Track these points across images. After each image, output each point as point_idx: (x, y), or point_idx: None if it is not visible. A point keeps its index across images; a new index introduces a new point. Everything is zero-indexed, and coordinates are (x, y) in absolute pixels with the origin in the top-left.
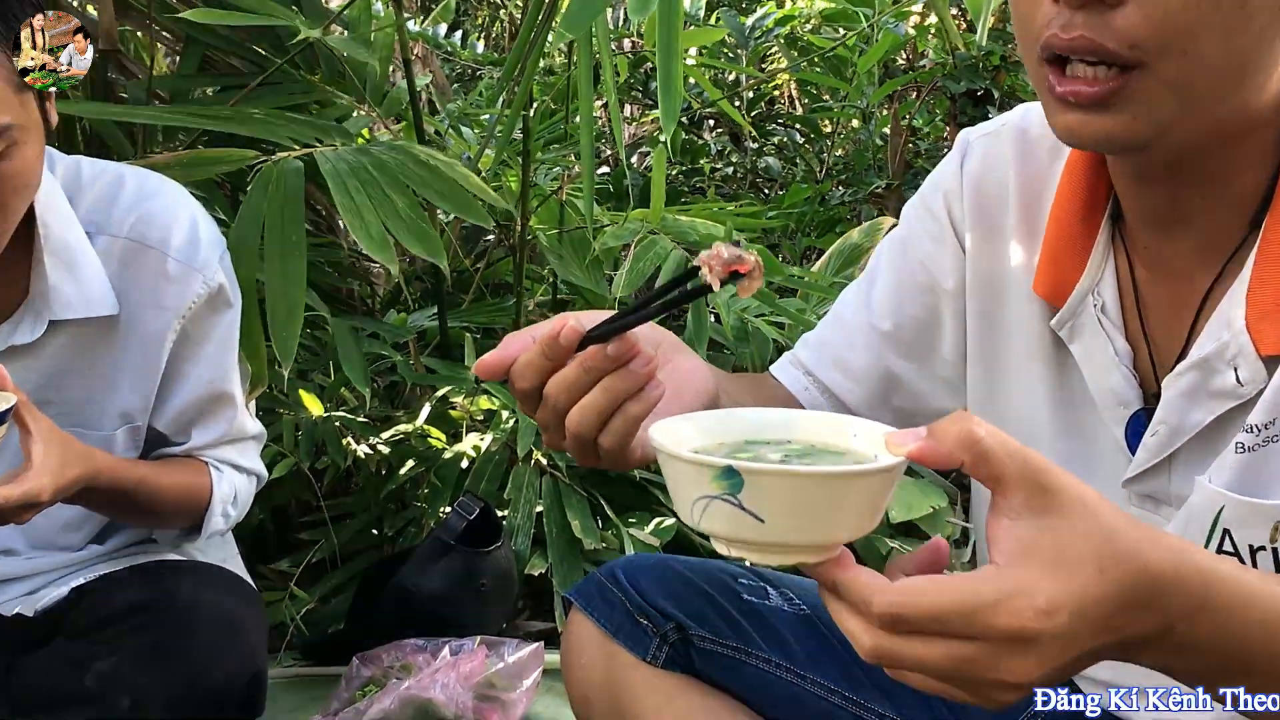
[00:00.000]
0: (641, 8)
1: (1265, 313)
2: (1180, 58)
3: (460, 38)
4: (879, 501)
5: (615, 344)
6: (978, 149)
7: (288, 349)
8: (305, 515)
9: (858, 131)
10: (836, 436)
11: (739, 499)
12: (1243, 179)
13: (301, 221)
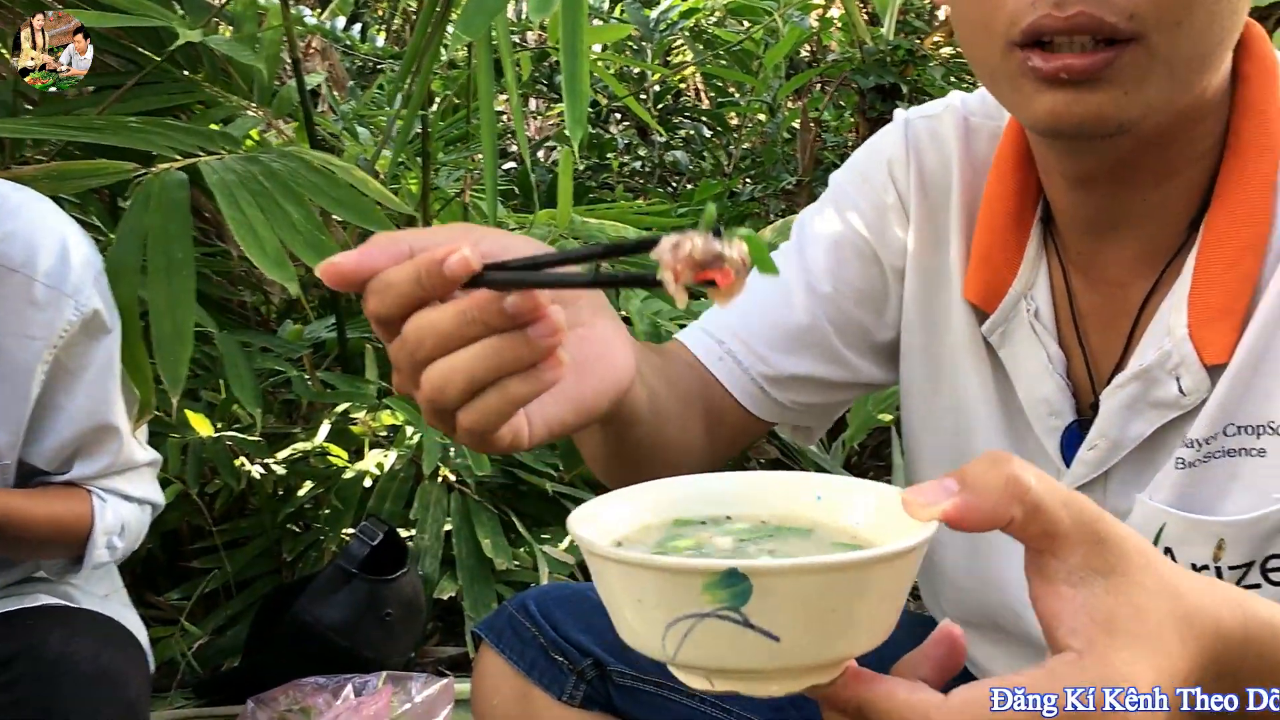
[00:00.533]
0: (543, 7)
1: (1207, 319)
2: (1174, 29)
3: (360, 30)
4: (904, 590)
5: (517, 297)
6: (921, 126)
7: (176, 375)
8: (197, 541)
9: (764, 125)
10: (794, 503)
11: (743, 613)
12: (1182, 179)
13: (188, 237)
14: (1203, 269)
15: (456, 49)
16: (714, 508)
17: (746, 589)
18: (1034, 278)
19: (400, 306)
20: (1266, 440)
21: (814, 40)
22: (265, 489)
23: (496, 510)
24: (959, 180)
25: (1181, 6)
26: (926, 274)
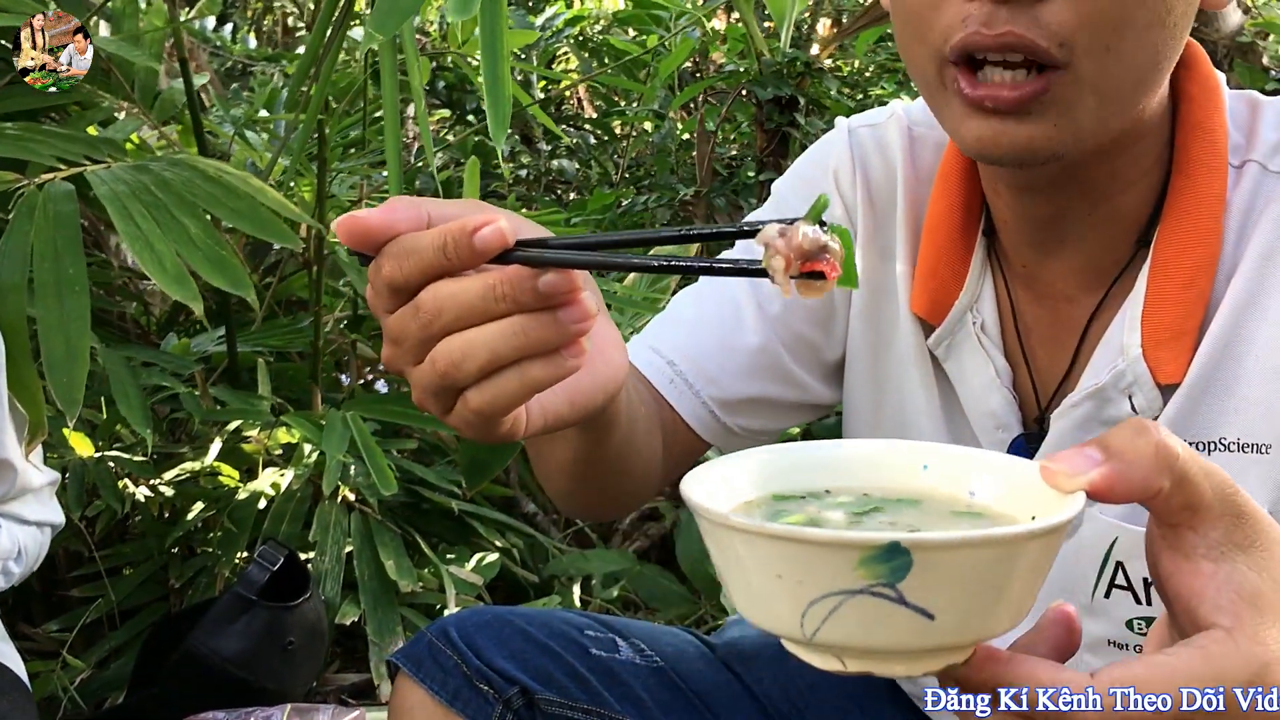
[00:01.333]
0: (463, 8)
1: (1161, 340)
2: (1104, 55)
3: (230, 32)
4: (1049, 566)
5: (555, 276)
6: (866, 135)
7: (71, 398)
8: (75, 569)
9: (651, 135)
10: (899, 473)
11: (899, 590)
12: (1129, 194)
13: (79, 253)
14: (1155, 289)
15: (362, 50)
16: (812, 480)
17: (906, 563)
18: (979, 290)
19: (421, 273)
20: (1217, 456)
21: (699, 52)
22: (150, 511)
23: (400, 530)
24: (904, 192)
25: (1112, 31)
26: (872, 287)
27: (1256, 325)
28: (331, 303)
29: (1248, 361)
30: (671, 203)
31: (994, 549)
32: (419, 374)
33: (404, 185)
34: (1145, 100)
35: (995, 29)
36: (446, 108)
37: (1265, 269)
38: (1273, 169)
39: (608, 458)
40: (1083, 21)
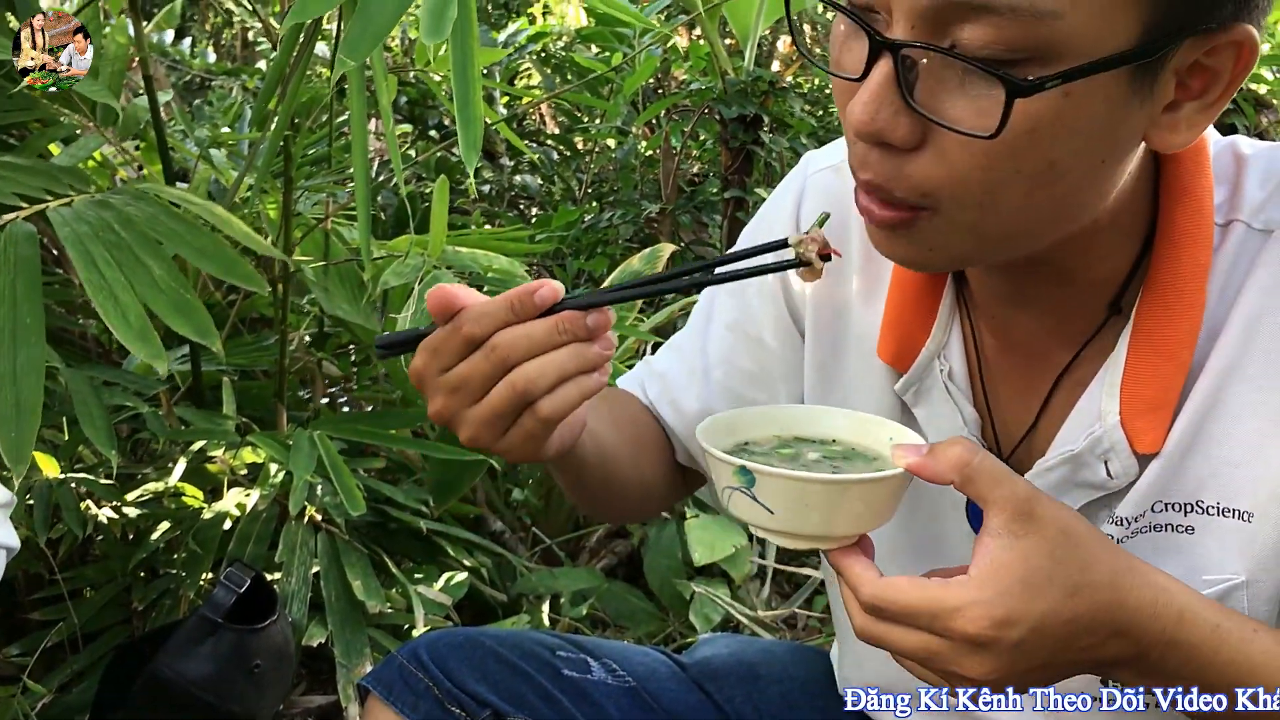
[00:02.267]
0: (436, 31)
1: (1140, 411)
2: (976, 209)
3: (188, 45)
4: (881, 505)
5: (596, 315)
6: (817, 185)
7: (20, 454)
8: (36, 591)
9: (614, 151)
10: (875, 440)
11: (752, 492)
12: (1098, 269)
13: (39, 301)
14: (1136, 359)
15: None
16: (827, 431)
17: (753, 479)
18: (947, 337)
19: (495, 326)
20: (1194, 518)
21: (661, 69)
22: (113, 533)
23: (367, 550)
24: (857, 237)
25: (982, 191)
26: (828, 340)
27: (1238, 389)
28: (296, 321)
29: (1228, 426)
30: (636, 219)
31: (794, 483)
32: (483, 407)
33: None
34: (1059, 232)
35: (864, 172)
36: (408, 122)
37: (1250, 334)
38: (1257, 226)
39: (590, 489)
40: (946, 181)
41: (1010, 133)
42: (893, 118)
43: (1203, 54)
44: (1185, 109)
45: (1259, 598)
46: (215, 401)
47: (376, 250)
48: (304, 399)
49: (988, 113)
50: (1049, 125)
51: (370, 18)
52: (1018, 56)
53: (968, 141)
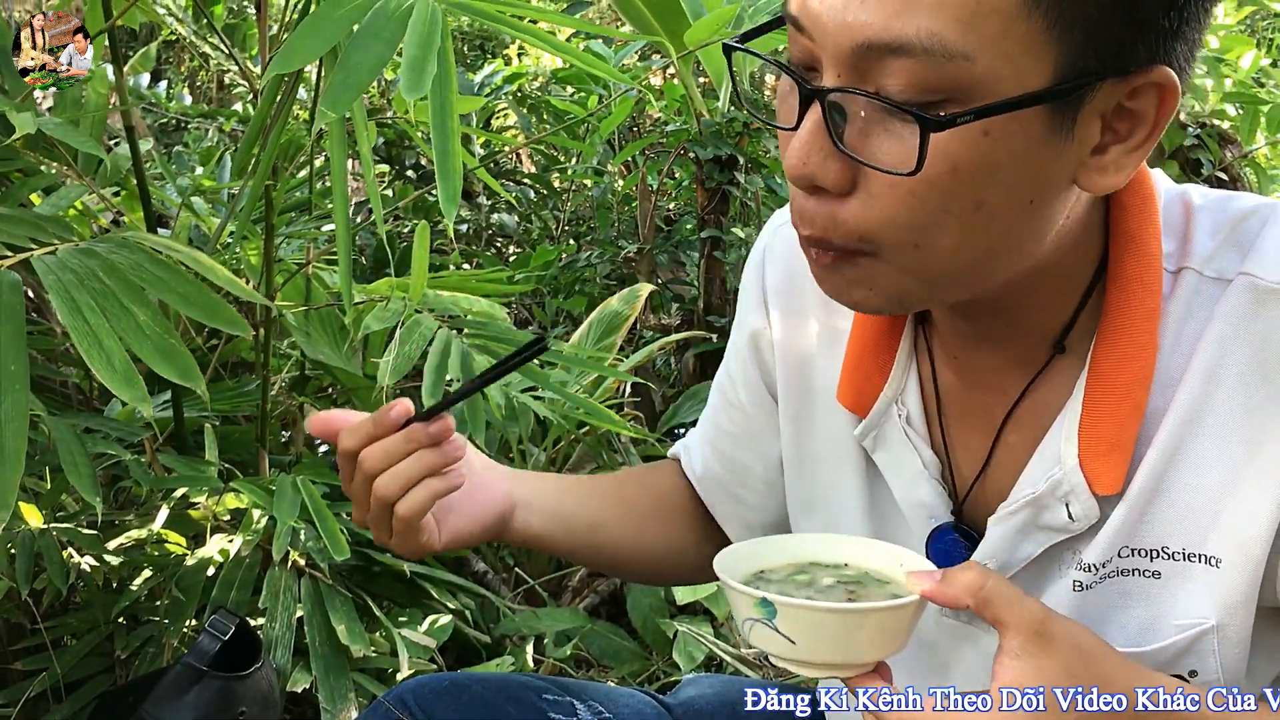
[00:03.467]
0: (416, 87)
1: (1098, 452)
2: (914, 251)
3: (165, 88)
4: (899, 630)
5: (436, 423)
6: (777, 248)
7: (4, 500)
8: (18, 641)
9: (591, 190)
10: (887, 566)
11: (774, 624)
12: (1042, 311)
13: (23, 348)
14: (1092, 402)
15: (316, 128)
16: (840, 557)
17: (774, 610)
18: (904, 382)
19: (360, 444)
20: (1160, 564)
21: (636, 109)
22: (95, 581)
23: (351, 594)
24: (815, 291)
25: (917, 233)
26: (797, 390)
27: (1201, 439)
28: (278, 365)
29: (1191, 475)
30: (614, 258)
31: (815, 613)
32: (369, 516)
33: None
34: (1001, 275)
35: (801, 222)
36: (385, 163)
37: (1210, 384)
38: (1210, 275)
39: (601, 561)
40: (878, 223)
41: (932, 170)
42: (823, 162)
43: (1124, 97)
44: (1112, 152)
45: (1228, 641)
46: (197, 446)
47: (357, 294)
48: (285, 443)
49: (910, 152)
50: (970, 164)
51: (351, 71)
52: (936, 98)
53: (896, 182)
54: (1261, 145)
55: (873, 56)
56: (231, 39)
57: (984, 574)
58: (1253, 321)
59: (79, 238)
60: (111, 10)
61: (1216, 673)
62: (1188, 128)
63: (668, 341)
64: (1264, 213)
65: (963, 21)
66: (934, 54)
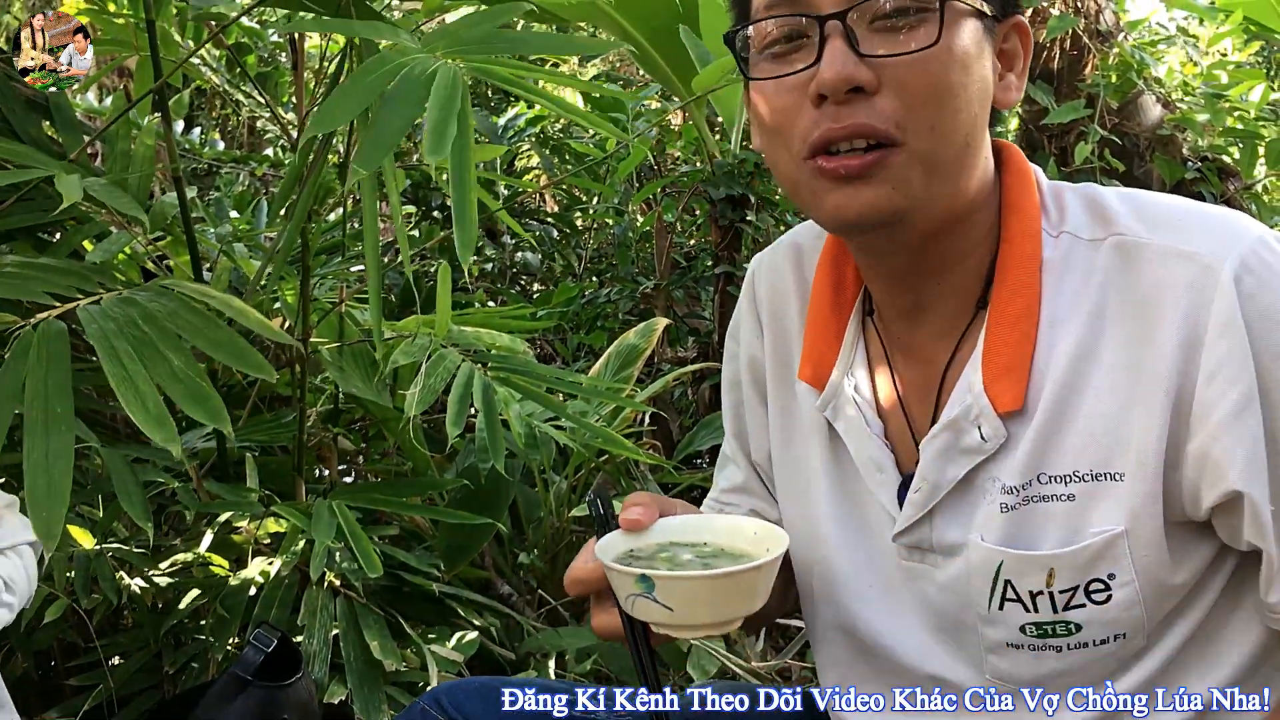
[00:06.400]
0: (438, 149)
1: (997, 376)
2: (929, 133)
3: (198, 134)
4: (756, 588)
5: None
6: (763, 269)
7: (51, 531)
8: (71, 659)
9: (611, 228)
10: (737, 538)
11: (653, 596)
12: (965, 266)
13: (68, 392)
14: (990, 335)
15: (350, 184)
16: (694, 536)
17: (652, 584)
18: (853, 357)
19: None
20: (1075, 487)
21: (656, 148)
22: (144, 602)
23: (383, 612)
24: (795, 297)
25: (935, 112)
26: (783, 384)
27: (1092, 372)
28: (313, 399)
29: (1089, 403)
30: (633, 294)
31: (683, 582)
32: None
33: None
34: (964, 176)
35: (843, 121)
36: (412, 204)
37: (1097, 325)
38: (1084, 237)
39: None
40: (909, 107)
41: (944, 44)
42: (855, 67)
43: (1002, 41)
44: (1009, 77)
45: (1139, 544)
46: (238, 476)
47: (387, 331)
48: (319, 474)
49: (925, 35)
50: (961, 45)
51: (382, 131)
52: (923, 3)
53: (917, 64)
54: (1262, 178)
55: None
56: (263, 87)
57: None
58: (1125, 270)
59: (121, 286)
60: (161, 70)
61: (1131, 573)
62: (1189, 162)
63: (683, 373)
64: (1116, 193)
65: None
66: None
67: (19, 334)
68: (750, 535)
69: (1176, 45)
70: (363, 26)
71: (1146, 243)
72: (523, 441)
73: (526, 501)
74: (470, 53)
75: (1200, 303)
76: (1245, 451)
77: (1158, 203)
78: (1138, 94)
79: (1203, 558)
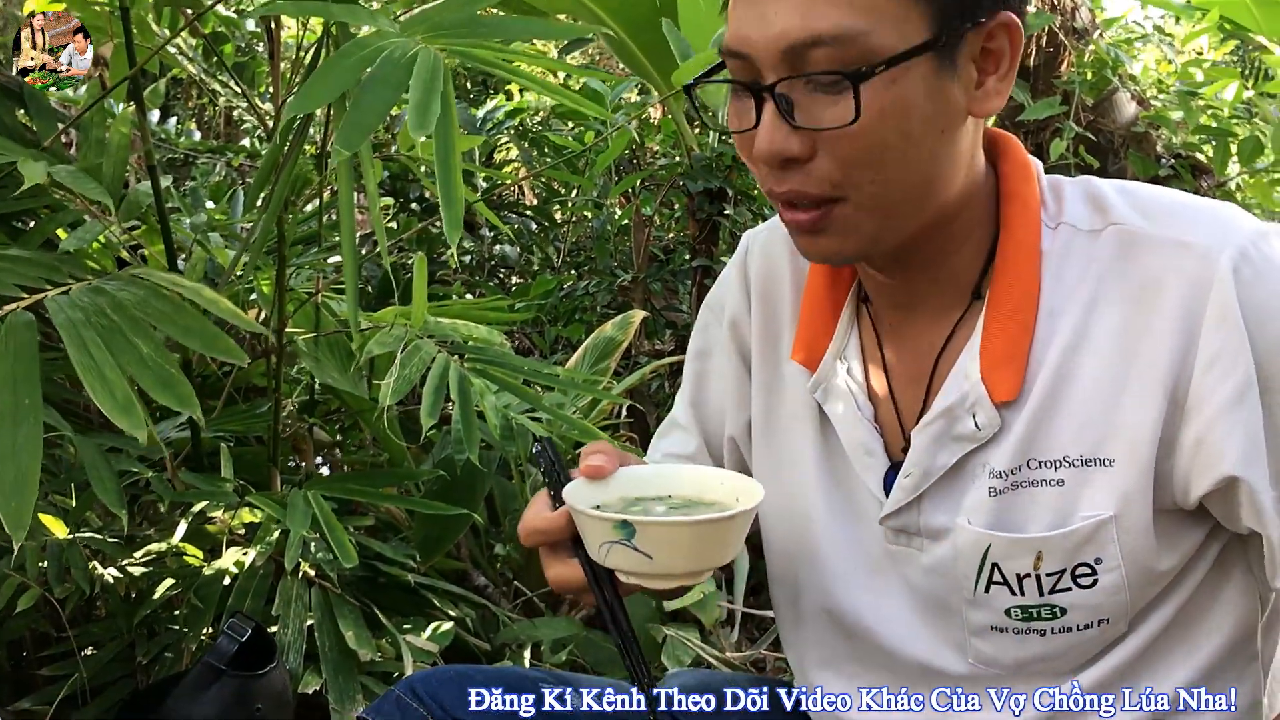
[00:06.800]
0: (421, 126)
1: (995, 365)
2: (872, 186)
3: (174, 124)
4: (736, 536)
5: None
6: (757, 246)
7: (20, 522)
8: (43, 649)
9: (590, 221)
10: (705, 489)
11: (633, 543)
12: (960, 256)
13: (36, 384)
14: (989, 324)
15: (331, 165)
16: (662, 488)
17: (632, 531)
18: (846, 342)
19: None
20: (1064, 472)
21: (635, 142)
22: (117, 592)
23: (358, 603)
24: (790, 278)
25: (872, 169)
26: (769, 363)
27: (1087, 360)
28: (288, 389)
29: (1082, 388)
30: (610, 287)
31: (677, 527)
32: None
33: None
34: (930, 202)
35: (781, 186)
36: (390, 195)
37: (1090, 315)
38: (1083, 229)
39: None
40: (845, 168)
41: (866, 117)
42: (785, 139)
43: (985, 41)
44: (989, 83)
45: (1127, 530)
46: (213, 467)
47: (363, 321)
48: (294, 466)
49: (848, 109)
50: (891, 106)
51: (362, 112)
52: (853, 68)
53: (844, 135)
54: (1235, 176)
55: (798, 52)
56: (240, 77)
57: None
58: (1122, 259)
59: (91, 276)
60: (135, 58)
61: (1118, 559)
62: (1162, 159)
63: (660, 365)
64: (1114, 185)
65: (856, 7)
66: (843, 38)
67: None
68: (719, 485)
69: (1152, 43)
70: (341, 10)
71: (1145, 232)
72: (499, 433)
73: (503, 493)
74: (450, 37)
75: (1197, 292)
76: (1242, 438)
77: (1156, 195)
78: (1113, 91)
79: (1189, 545)
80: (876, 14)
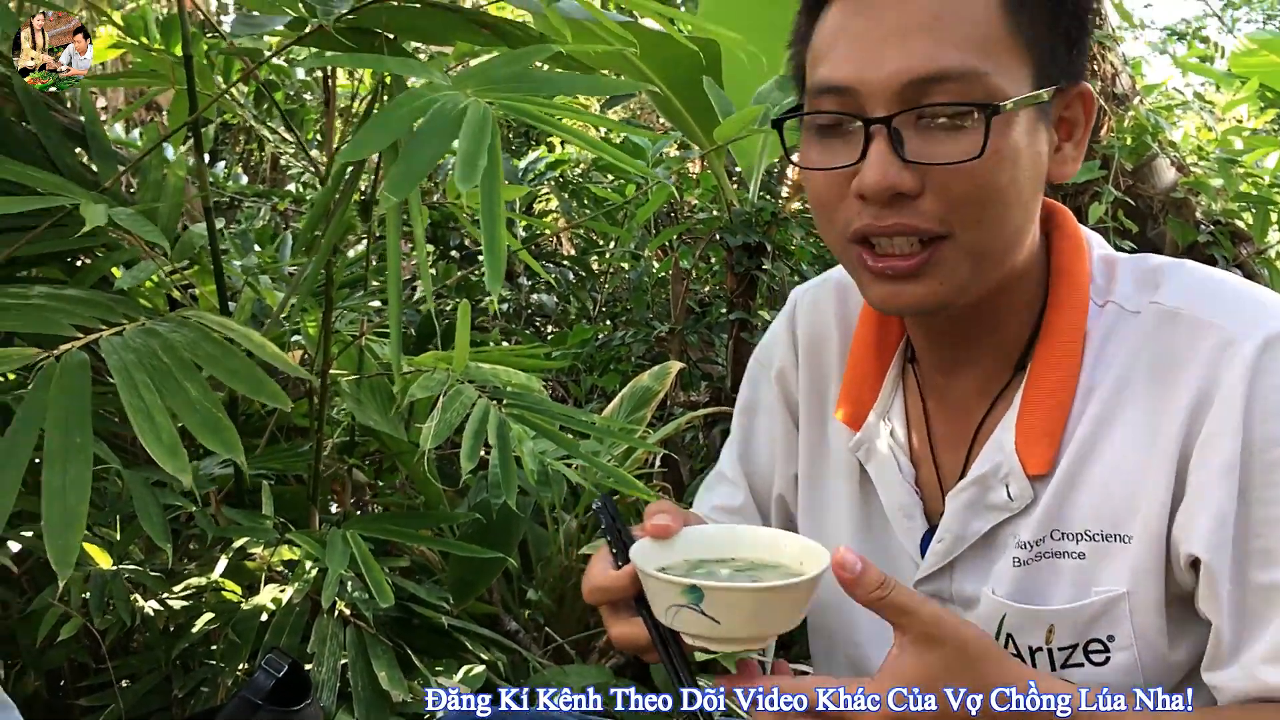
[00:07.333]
0: (469, 178)
1: (1031, 439)
2: (977, 226)
3: (221, 167)
4: (803, 602)
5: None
6: (805, 303)
7: (65, 560)
8: (81, 680)
9: (627, 273)
10: (771, 552)
11: (701, 607)
12: (1009, 327)
13: (87, 423)
14: (1027, 398)
15: (380, 212)
16: (725, 551)
17: (701, 595)
18: (891, 402)
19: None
20: (1085, 545)
21: (674, 196)
22: (156, 625)
23: (392, 643)
24: (838, 336)
25: (980, 207)
26: (815, 421)
27: (1114, 433)
28: (330, 430)
29: (1107, 464)
30: (647, 338)
31: (735, 593)
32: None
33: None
34: (1013, 257)
35: (885, 221)
36: (431, 243)
37: (1120, 394)
38: (1129, 309)
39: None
40: (954, 206)
41: (987, 154)
42: (898, 173)
43: (1063, 109)
44: (1065, 148)
45: (1139, 608)
46: (254, 504)
47: (406, 365)
48: (329, 505)
49: (973, 144)
50: (1007, 148)
51: (412, 161)
52: (970, 105)
53: (961, 171)
54: (1275, 244)
55: (919, 87)
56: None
57: (886, 583)
58: (1154, 338)
59: (145, 315)
60: (197, 104)
61: (1130, 638)
62: (1201, 225)
63: (695, 416)
64: (1170, 265)
65: (978, 49)
66: (968, 75)
67: (43, 366)
68: (783, 548)
69: (1192, 110)
70: (395, 63)
71: (1180, 313)
72: (535, 478)
73: (536, 539)
74: (500, 91)
75: (1213, 373)
76: (1212, 519)
77: (1207, 277)
78: (1152, 157)
79: (1199, 637)
80: (994, 59)
